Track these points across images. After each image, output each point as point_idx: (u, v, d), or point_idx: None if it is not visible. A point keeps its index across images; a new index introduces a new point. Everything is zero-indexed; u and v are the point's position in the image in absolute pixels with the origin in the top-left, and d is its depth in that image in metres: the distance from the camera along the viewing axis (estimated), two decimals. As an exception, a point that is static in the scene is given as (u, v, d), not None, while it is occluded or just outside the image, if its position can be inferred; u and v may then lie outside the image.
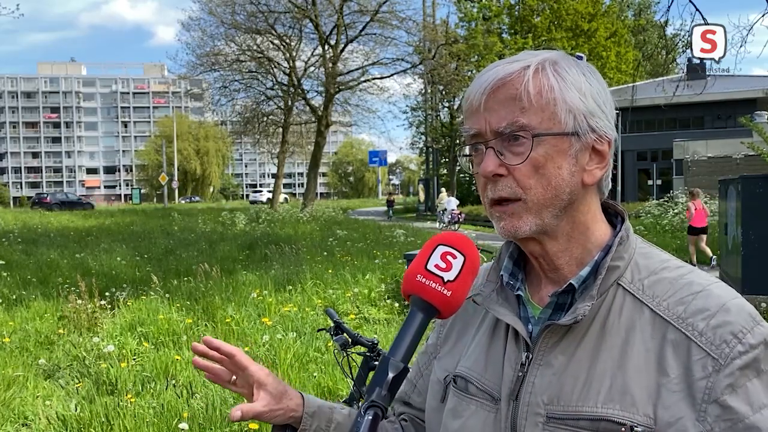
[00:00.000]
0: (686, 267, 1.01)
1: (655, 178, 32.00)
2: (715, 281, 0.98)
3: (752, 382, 0.89)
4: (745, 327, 0.91)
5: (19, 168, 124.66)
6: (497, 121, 0.97)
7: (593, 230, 1.03)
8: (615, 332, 0.96)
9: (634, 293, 0.98)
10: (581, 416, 0.94)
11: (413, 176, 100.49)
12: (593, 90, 1.00)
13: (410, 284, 0.91)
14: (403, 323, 0.90)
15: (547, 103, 0.97)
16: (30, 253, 14.54)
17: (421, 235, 18.79)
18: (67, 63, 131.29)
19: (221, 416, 4.68)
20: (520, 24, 40.11)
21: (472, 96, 1.00)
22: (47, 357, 6.52)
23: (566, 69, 0.99)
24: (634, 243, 1.03)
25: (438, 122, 41.59)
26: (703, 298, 0.94)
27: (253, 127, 35.84)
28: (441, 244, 0.93)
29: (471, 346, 1.11)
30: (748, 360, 0.89)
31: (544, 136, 0.96)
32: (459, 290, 0.90)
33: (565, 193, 0.98)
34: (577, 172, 0.99)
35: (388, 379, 0.86)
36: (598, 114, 1.00)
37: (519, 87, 0.96)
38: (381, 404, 0.84)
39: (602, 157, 1.01)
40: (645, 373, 0.92)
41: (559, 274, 1.04)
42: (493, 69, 0.99)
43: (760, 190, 8.38)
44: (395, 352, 0.88)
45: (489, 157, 0.98)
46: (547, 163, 0.97)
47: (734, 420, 0.88)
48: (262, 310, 8.17)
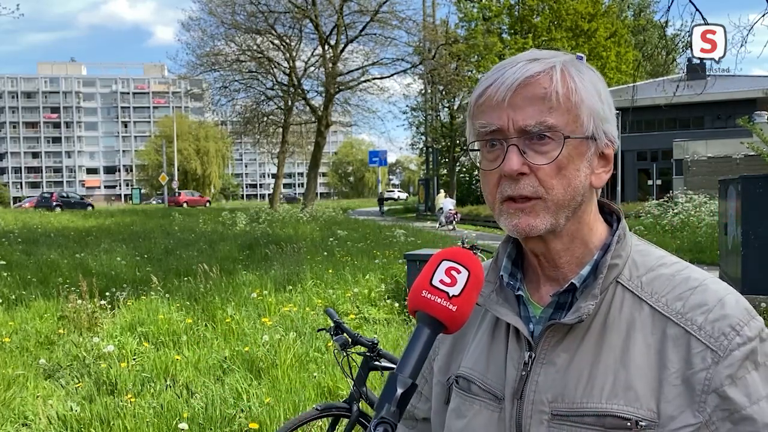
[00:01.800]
0: (682, 263, 1.03)
1: (655, 178, 31.99)
2: (710, 276, 1.00)
3: (751, 375, 0.92)
4: (742, 320, 0.93)
5: (19, 168, 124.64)
6: (523, 118, 0.96)
7: (595, 230, 1.05)
8: (616, 329, 0.98)
9: (633, 290, 0.99)
10: (586, 412, 0.95)
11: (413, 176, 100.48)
12: (607, 95, 1.03)
13: (416, 300, 0.91)
14: (410, 339, 0.91)
15: (573, 105, 0.98)
16: (30, 253, 14.54)
17: (421, 235, 18.79)
18: (67, 63, 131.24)
19: (221, 416, 4.68)
20: (520, 24, 40.11)
21: (493, 91, 0.98)
22: (47, 357, 6.52)
23: (585, 72, 1.01)
24: (630, 241, 1.04)
25: (438, 122, 41.57)
26: (700, 293, 0.96)
27: (253, 127, 35.85)
28: (445, 259, 0.93)
29: (472, 346, 1.12)
30: (747, 351, 0.92)
31: (572, 139, 0.97)
32: (464, 305, 0.90)
33: (580, 194, 1.00)
34: (589, 174, 1.01)
35: (397, 395, 0.85)
36: (610, 119, 1.02)
37: (548, 86, 0.97)
38: (391, 420, 0.84)
39: (607, 161, 1.04)
40: (647, 369, 0.94)
41: (559, 273, 1.05)
42: (518, 65, 0.98)
43: (760, 190, 8.38)
44: (403, 368, 0.88)
45: (513, 155, 0.97)
46: (569, 164, 0.98)
47: (731, 410, 0.91)
48: (262, 310, 8.17)
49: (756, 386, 0.92)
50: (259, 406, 4.85)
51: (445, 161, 42.56)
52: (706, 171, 25.29)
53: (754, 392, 0.91)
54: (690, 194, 20.86)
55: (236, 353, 6.30)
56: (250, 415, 4.75)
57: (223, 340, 6.93)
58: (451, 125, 40.68)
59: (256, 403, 4.92)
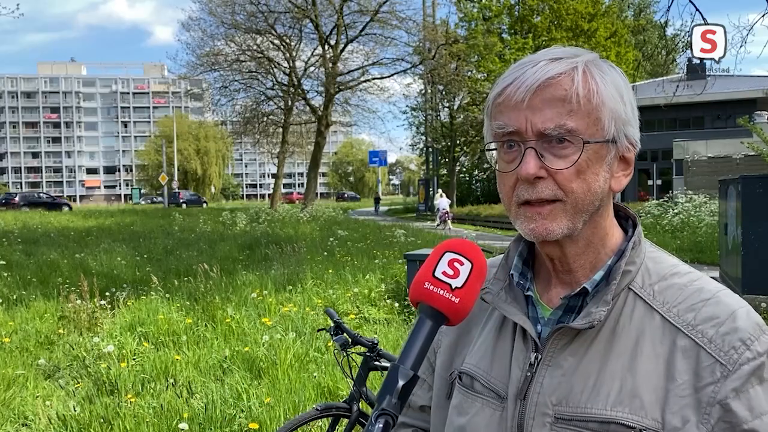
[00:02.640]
0: (695, 273, 1.01)
1: (655, 178, 32.00)
2: (723, 288, 0.98)
3: (755, 389, 0.91)
4: (753, 335, 0.92)
5: (19, 168, 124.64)
6: (542, 121, 0.94)
7: (610, 235, 1.03)
8: (625, 336, 0.96)
9: (645, 298, 0.98)
10: (590, 418, 0.94)
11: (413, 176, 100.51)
12: (630, 96, 1.00)
13: (418, 292, 0.90)
14: (412, 331, 0.90)
15: (594, 108, 0.95)
16: (30, 253, 14.54)
17: (421, 235, 18.78)
18: (67, 63, 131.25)
19: (221, 416, 4.68)
20: (520, 24, 40.11)
21: (512, 90, 0.95)
22: (47, 357, 6.52)
23: (608, 72, 0.98)
24: (645, 247, 1.03)
25: (438, 122, 41.59)
26: (713, 306, 0.94)
27: (253, 127, 35.84)
28: (448, 251, 0.92)
29: (477, 342, 1.11)
30: (755, 366, 0.91)
31: (591, 143, 0.95)
32: (467, 297, 0.89)
33: (598, 199, 0.98)
34: (609, 178, 0.99)
35: (399, 387, 0.85)
36: (632, 122, 1.00)
37: (568, 88, 0.94)
38: (392, 412, 0.84)
39: (627, 164, 1.02)
40: (654, 378, 0.93)
41: (572, 276, 1.03)
42: (539, 65, 0.95)
43: (760, 190, 8.38)
44: (405, 360, 0.87)
45: (530, 158, 0.94)
46: (588, 168, 0.96)
47: (734, 423, 0.89)
48: (262, 310, 8.17)
49: (760, 401, 0.90)
50: (259, 406, 4.84)
51: (445, 161, 42.58)
52: (706, 171, 25.29)
53: (758, 406, 0.90)
54: (690, 194, 20.88)
55: (236, 353, 6.30)
56: (250, 415, 4.75)
57: (223, 340, 6.93)
58: (451, 125, 40.68)
59: (256, 403, 4.91)
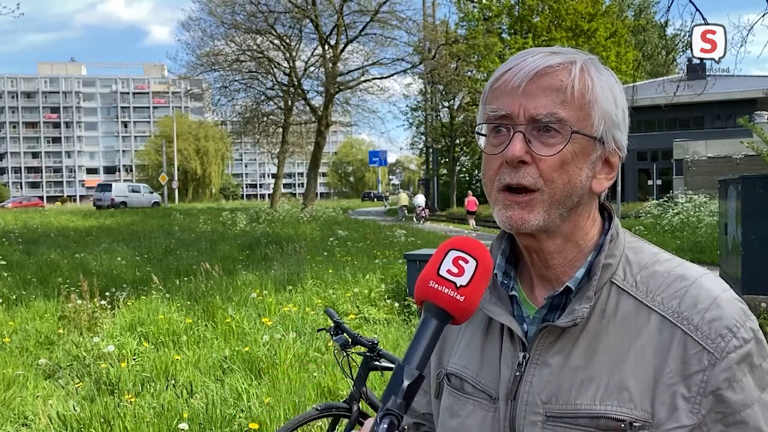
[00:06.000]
0: (676, 259, 1.02)
1: (655, 178, 31.97)
2: (705, 272, 0.99)
3: (746, 377, 0.91)
4: (738, 321, 0.92)
5: (19, 168, 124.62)
6: (535, 107, 0.96)
7: (591, 235, 1.04)
8: (611, 330, 0.97)
9: (628, 290, 0.98)
10: (579, 414, 0.94)
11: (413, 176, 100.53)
12: (623, 102, 1.02)
13: (423, 290, 0.90)
14: (417, 330, 0.89)
15: (587, 103, 0.97)
16: (30, 253, 14.54)
17: (421, 235, 18.78)
18: (67, 63, 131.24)
19: (221, 416, 4.68)
20: (520, 24, 40.11)
21: (510, 76, 0.98)
22: (47, 357, 6.52)
23: (605, 74, 1.01)
24: (623, 239, 1.03)
25: (438, 122, 41.59)
26: (695, 291, 0.95)
27: (253, 127, 35.82)
28: (453, 248, 0.91)
29: (462, 343, 1.11)
30: (743, 354, 0.91)
31: (579, 135, 0.97)
32: (472, 295, 0.88)
33: (577, 194, 0.99)
34: (591, 177, 1.00)
35: (404, 387, 0.84)
36: (621, 126, 1.02)
37: (564, 79, 0.96)
38: (396, 412, 0.83)
39: (611, 169, 1.03)
40: (641, 369, 0.93)
41: (551, 273, 1.04)
42: (538, 55, 0.98)
43: (760, 190, 8.37)
44: (410, 360, 0.86)
45: (517, 141, 0.96)
46: (572, 161, 0.97)
47: (726, 413, 0.90)
48: (262, 310, 8.16)
49: (750, 389, 0.91)
50: (259, 406, 4.84)
51: (445, 161, 42.59)
52: (706, 171, 25.30)
53: (749, 395, 0.91)
54: (690, 194, 20.86)
55: (236, 353, 6.30)
56: (250, 415, 4.75)
57: (223, 340, 6.93)
58: (451, 125, 40.69)
59: (256, 403, 4.91)
